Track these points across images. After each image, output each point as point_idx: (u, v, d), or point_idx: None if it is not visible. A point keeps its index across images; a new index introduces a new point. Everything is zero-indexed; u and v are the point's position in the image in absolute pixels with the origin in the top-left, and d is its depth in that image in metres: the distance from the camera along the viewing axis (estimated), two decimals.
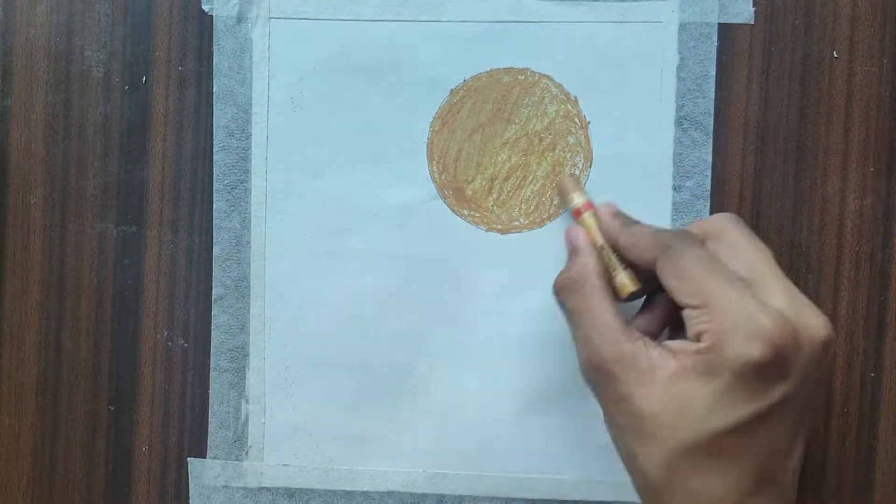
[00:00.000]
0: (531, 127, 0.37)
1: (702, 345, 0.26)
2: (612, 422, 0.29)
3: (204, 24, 0.38)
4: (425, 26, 0.37)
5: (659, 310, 0.31)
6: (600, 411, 0.30)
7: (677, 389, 0.26)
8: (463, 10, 0.37)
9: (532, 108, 0.37)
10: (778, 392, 0.25)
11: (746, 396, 0.25)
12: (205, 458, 0.38)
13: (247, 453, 0.38)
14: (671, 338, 0.31)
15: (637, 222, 0.32)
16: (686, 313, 0.27)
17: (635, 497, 0.37)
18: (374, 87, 0.37)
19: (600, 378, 0.28)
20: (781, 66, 0.37)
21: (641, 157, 0.37)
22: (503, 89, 0.37)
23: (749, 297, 0.26)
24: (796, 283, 0.36)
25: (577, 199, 0.35)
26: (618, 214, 0.32)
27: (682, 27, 0.36)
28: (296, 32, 0.38)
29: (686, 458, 0.26)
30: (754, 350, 0.25)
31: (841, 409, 0.37)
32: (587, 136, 0.37)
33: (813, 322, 0.26)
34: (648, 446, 0.27)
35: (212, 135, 0.38)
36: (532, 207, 0.37)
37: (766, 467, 0.26)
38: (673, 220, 0.37)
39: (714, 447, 0.26)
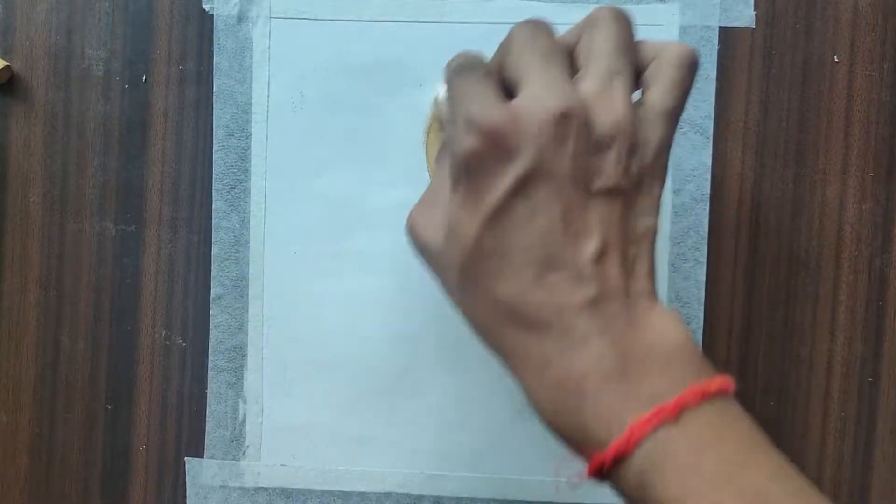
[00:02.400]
0: None
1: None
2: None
3: (204, 23, 0.38)
4: (425, 27, 0.37)
5: None
6: None
7: (447, 216, 0.27)
8: (463, 12, 0.37)
9: None
10: (511, 172, 0.25)
11: (484, 188, 0.25)
12: (202, 457, 0.38)
13: (244, 453, 0.38)
14: None
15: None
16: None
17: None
18: (374, 87, 0.37)
19: None
20: (782, 70, 0.37)
21: None
22: None
23: (483, 101, 0.26)
24: (795, 286, 0.37)
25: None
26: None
27: (683, 30, 0.36)
28: (296, 32, 0.38)
29: (468, 277, 0.26)
30: (465, 142, 0.25)
31: (839, 413, 0.37)
32: None
33: (544, 101, 0.25)
34: (446, 284, 0.28)
35: (212, 134, 0.38)
36: None
37: (545, 259, 0.25)
38: (673, 223, 0.37)
39: (481, 251, 0.25)
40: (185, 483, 0.38)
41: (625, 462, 0.23)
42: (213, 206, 0.38)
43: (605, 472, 0.24)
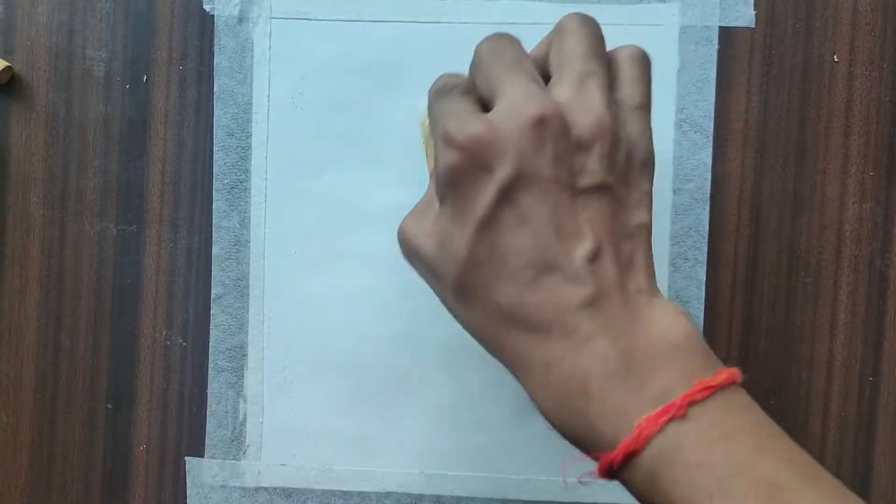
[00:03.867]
0: None
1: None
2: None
3: (205, 23, 0.38)
4: (426, 27, 0.37)
5: None
6: None
7: (437, 229, 0.27)
8: (464, 12, 0.37)
9: None
10: (493, 182, 0.25)
11: (470, 201, 0.25)
12: (202, 457, 0.38)
13: (244, 453, 0.38)
14: None
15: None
16: None
17: (634, 499, 0.37)
18: (375, 87, 0.38)
19: None
20: (782, 70, 0.37)
21: None
22: None
23: (461, 117, 0.26)
24: (795, 286, 0.37)
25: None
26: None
27: (683, 30, 0.37)
28: (297, 32, 0.38)
29: (465, 288, 0.26)
30: (446, 157, 0.25)
31: (839, 413, 0.37)
32: None
33: (518, 109, 0.25)
34: (442, 293, 0.28)
35: (212, 134, 0.38)
36: None
37: (538, 262, 0.25)
38: (673, 222, 0.37)
39: (475, 261, 0.25)
40: (185, 483, 0.38)
41: (634, 461, 0.23)
42: (214, 206, 0.38)
43: (615, 471, 0.24)
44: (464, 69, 0.37)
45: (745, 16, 0.37)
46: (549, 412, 0.25)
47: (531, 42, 0.37)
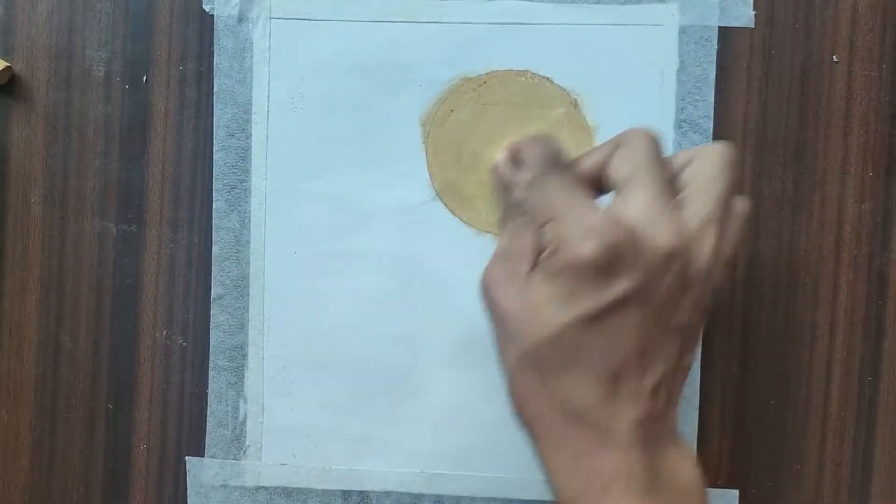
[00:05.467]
0: (531, 129, 0.37)
1: (546, 250, 0.28)
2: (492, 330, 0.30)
3: (204, 23, 0.38)
4: (425, 27, 0.37)
5: None
6: None
7: (528, 293, 0.28)
8: (463, 12, 0.37)
9: (532, 111, 0.37)
10: (615, 289, 0.26)
11: (584, 293, 0.26)
12: (203, 457, 0.38)
13: (245, 452, 0.38)
14: None
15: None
16: (541, 231, 0.29)
17: None
18: (374, 87, 0.38)
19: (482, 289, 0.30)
20: (781, 70, 0.37)
21: None
22: (503, 92, 0.37)
23: (589, 206, 0.27)
24: (795, 286, 0.37)
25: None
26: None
27: (683, 30, 0.37)
28: (296, 33, 0.38)
29: (534, 357, 0.27)
30: (586, 247, 0.26)
31: (838, 412, 0.37)
32: (588, 139, 0.37)
33: (660, 232, 0.26)
34: (506, 347, 0.29)
35: (212, 135, 0.38)
36: None
37: (614, 373, 0.26)
38: None
39: (559, 344, 0.27)
40: (185, 482, 0.38)
41: None
42: (214, 206, 0.38)
43: None
44: (463, 69, 0.37)
45: (744, 16, 0.37)
46: (562, 493, 0.27)
47: (531, 42, 0.37)
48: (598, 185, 0.30)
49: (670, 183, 0.28)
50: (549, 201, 0.28)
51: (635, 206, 0.27)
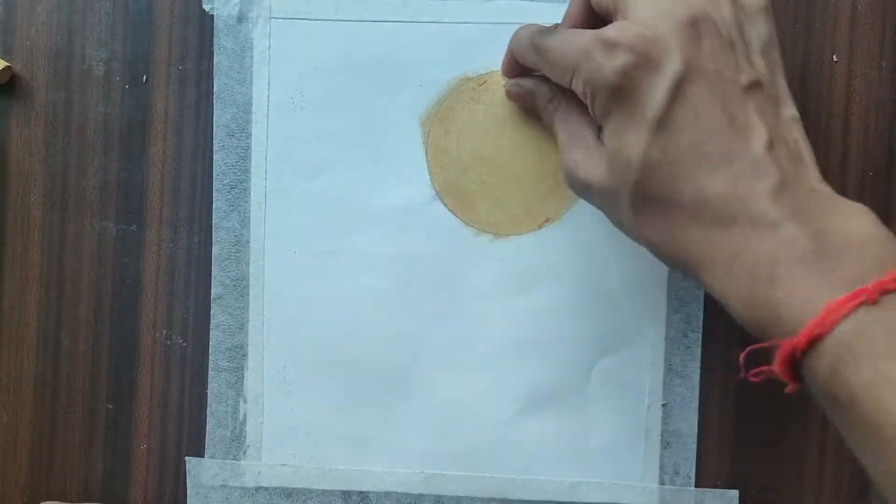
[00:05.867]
0: (530, 130, 0.37)
1: (589, 106, 0.28)
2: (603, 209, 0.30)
3: (204, 23, 0.38)
4: (426, 27, 0.37)
5: None
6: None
7: (602, 152, 0.28)
8: (464, 12, 0.37)
9: (532, 111, 0.37)
10: (662, 81, 0.25)
11: (640, 106, 0.25)
12: (203, 457, 0.38)
13: (245, 453, 0.38)
14: None
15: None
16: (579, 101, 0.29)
17: (633, 498, 0.37)
18: (375, 87, 0.38)
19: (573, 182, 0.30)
20: None
21: None
22: (503, 92, 0.37)
23: (590, 35, 0.26)
24: None
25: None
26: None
27: None
28: (296, 32, 0.38)
29: (645, 198, 0.26)
30: (610, 68, 0.25)
31: None
32: None
33: (667, 9, 0.25)
34: (618, 212, 0.28)
35: (212, 134, 0.38)
36: (530, 210, 0.37)
37: (721, 154, 0.25)
38: None
39: (654, 166, 0.26)
40: (185, 483, 0.38)
41: (817, 348, 0.23)
42: (214, 205, 0.38)
43: (796, 361, 0.23)
44: (464, 68, 0.37)
45: None
46: (734, 302, 0.25)
47: None
48: (596, 22, 0.29)
49: None
50: (561, 59, 0.28)
51: (636, 6, 0.26)
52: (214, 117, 0.38)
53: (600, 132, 0.29)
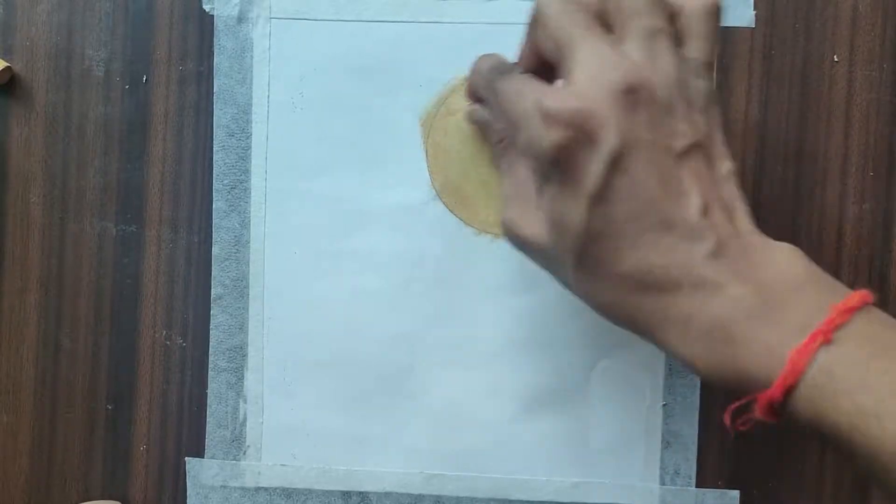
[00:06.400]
0: None
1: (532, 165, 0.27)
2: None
3: (204, 23, 0.38)
4: (426, 27, 0.37)
5: None
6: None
7: (540, 214, 0.27)
8: (464, 12, 0.37)
9: None
10: (599, 155, 0.25)
11: (579, 177, 0.25)
12: (203, 457, 0.38)
13: (245, 453, 0.38)
14: None
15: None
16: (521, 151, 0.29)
17: (634, 499, 0.37)
18: (375, 87, 0.38)
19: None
20: (781, 70, 0.37)
21: None
22: None
23: (535, 94, 0.26)
24: None
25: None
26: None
27: None
28: (296, 33, 0.38)
29: (586, 263, 0.26)
30: (546, 141, 0.25)
31: None
32: None
33: (605, 77, 0.25)
34: (559, 272, 0.28)
35: (212, 135, 0.38)
36: None
37: (660, 221, 0.25)
38: None
39: (594, 234, 0.26)
40: (185, 483, 0.38)
41: (793, 395, 0.24)
42: (214, 206, 0.38)
43: (776, 409, 0.24)
44: (464, 69, 0.37)
45: (745, 16, 0.37)
46: (696, 364, 0.26)
47: None
48: (547, 69, 0.29)
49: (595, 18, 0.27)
50: (508, 112, 0.28)
51: (586, 66, 0.26)
52: (214, 117, 0.38)
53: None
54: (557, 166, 0.26)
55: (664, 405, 0.37)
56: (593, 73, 0.25)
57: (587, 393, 0.37)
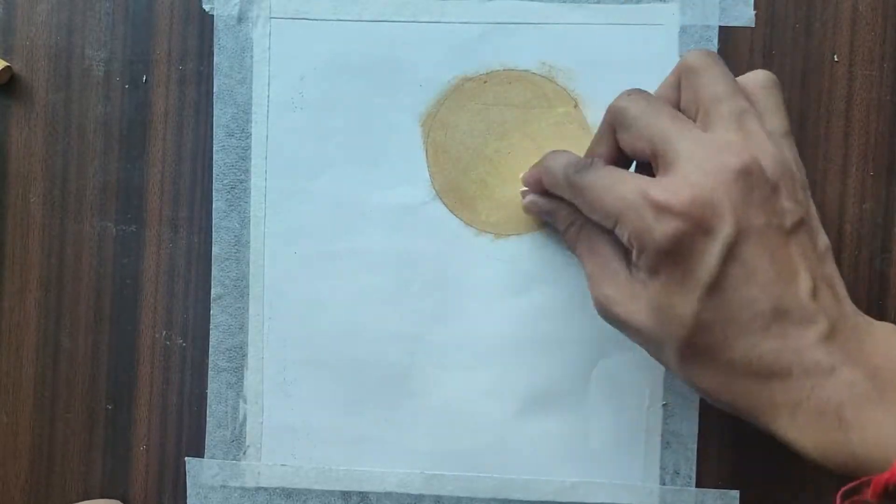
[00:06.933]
0: (531, 130, 0.37)
1: (633, 253, 0.27)
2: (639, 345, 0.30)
3: (204, 23, 0.38)
4: (425, 27, 0.37)
5: None
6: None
7: (646, 298, 0.27)
8: (463, 12, 0.37)
9: (532, 111, 0.37)
10: (716, 245, 0.25)
11: (693, 267, 0.25)
12: (202, 457, 0.38)
13: (244, 453, 0.38)
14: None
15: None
16: (614, 237, 0.28)
17: (634, 499, 0.37)
18: (374, 87, 0.38)
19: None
20: (782, 70, 0.37)
21: None
22: (503, 92, 0.37)
23: (638, 186, 0.26)
24: None
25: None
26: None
27: (683, 30, 0.36)
28: (296, 32, 0.38)
29: (694, 352, 0.26)
30: (662, 232, 0.25)
31: None
32: (588, 139, 0.37)
33: (717, 162, 0.25)
34: (661, 355, 0.28)
35: (212, 135, 0.38)
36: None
37: (773, 311, 0.25)
38: None
39: (706, 325, 0.25)
40: (185, 483, 0.38)
41: None
42: (214, 206, 0.38)
43: (890, 492, 0.24)
44: (463, 69, 0.37)
45: (745, 16, 0.37)
46: (806, 448, 0.26)
47: (531, 42, 0.37)
48: (622, 161, 0.29)
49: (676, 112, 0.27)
50: (601, 204, 0.27)
51: (690, 157, 0.25)
52: (214, 117, 0.38)
53: (629, 263, 0.28)
54: (670, 257, 0.25)
55: (664, 405, 0.37)
56: (701, 161, 0.25)
57: (587, 393, 0.37)
